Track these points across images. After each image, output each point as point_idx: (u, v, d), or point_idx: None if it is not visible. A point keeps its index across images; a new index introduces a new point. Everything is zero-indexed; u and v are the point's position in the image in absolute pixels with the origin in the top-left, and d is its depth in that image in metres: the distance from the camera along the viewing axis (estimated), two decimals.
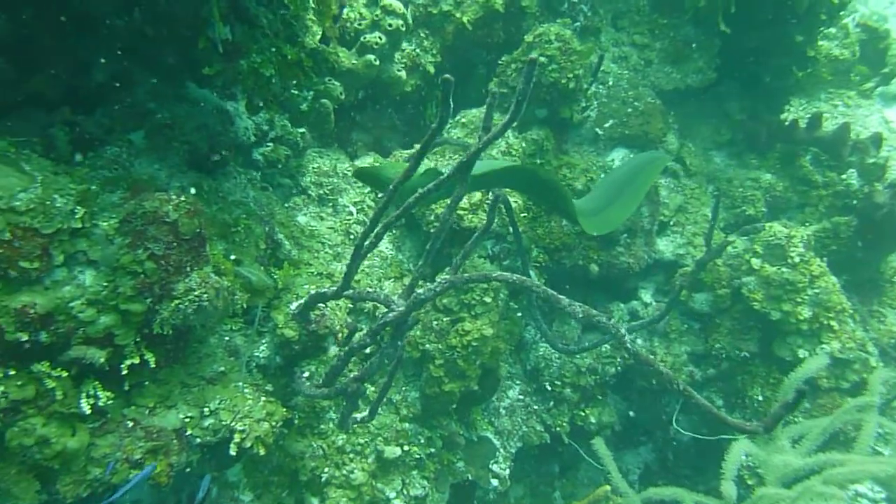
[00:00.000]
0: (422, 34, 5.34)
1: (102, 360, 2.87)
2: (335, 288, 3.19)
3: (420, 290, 2.97)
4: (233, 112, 4.65)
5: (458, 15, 5.13)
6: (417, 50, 5.29)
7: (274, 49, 3.15)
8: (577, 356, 5.23)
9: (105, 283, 2.95)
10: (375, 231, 3.02)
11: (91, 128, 3.54)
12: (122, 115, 3.64)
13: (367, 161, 5.47)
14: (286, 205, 4.85)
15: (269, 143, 5.04)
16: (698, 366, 5.45)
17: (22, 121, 3.39)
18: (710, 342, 5.27)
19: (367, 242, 3.06)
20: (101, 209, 3.03)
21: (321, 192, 5.10)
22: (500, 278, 2.86)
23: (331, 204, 5.10)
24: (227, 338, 3.53)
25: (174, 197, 2.99)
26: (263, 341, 3.64)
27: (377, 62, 4.77)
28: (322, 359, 3.62)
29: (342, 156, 5.56)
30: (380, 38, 4.68)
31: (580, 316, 2.74)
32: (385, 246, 5.11)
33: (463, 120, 5.34)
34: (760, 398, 4.92)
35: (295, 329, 3.47)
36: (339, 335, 3.56)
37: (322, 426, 3.98)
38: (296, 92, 3.57)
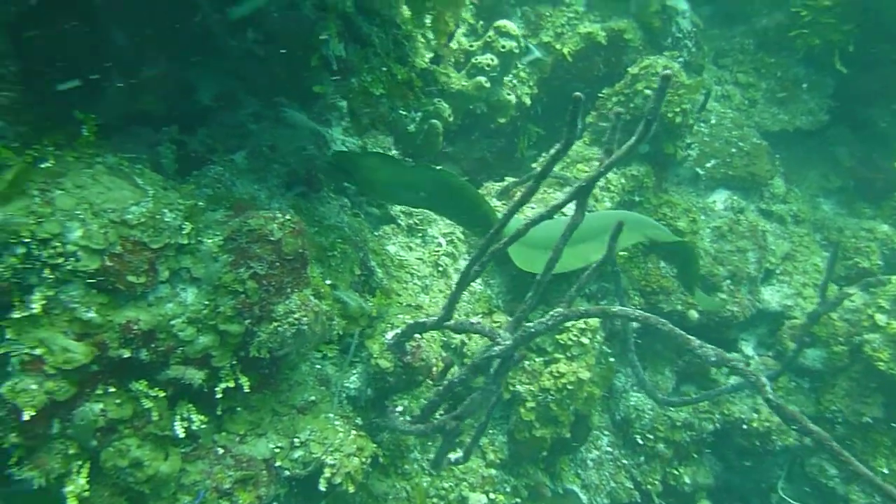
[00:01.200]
0: (518, 65, 5.24)
1: (201, 381, 2.77)
2: (435, 318, 3.01)
3: (530, 323, 2.76)
4: (328, 137, 4.64)
5: (558, 46, 5.01)
6: (514, 81, 5.19)
7: (385, 68, 3.07)
8: (672, 409, 4.86)
9: (206, 302, 2.87)
10: (482, 259, 2.85)
11: (196, 146, 3.55)
12: (224, 135, 3.65)
13: None
14: (376, 233, 4.76)
15: None
16: None
17: (131, 138, 3.42)
18: (824, 403, 4.80)
19: (473, 269, 2.89)
20: (206, 226, 2.98)
21: (410, 221, 4.99)
22: (621, 313, 2.62)
23: (420, 234, 4.98)
24: (318, 365, 3.40)
25: (279, 215, 2.91)
26: (354, 371, 3.48)
27: (488, 84, 4.66)
28: (414, 393, 3.44)
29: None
30: (492, 59, 4.57)
31: (713, 359, 2.47)
32: (478, 281, 4.94)
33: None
34: (886, 471, 4.40)
35: (390, 360, 3.30)
36: (434, 369, 3.37)
37: (406, 466, 3.77)
38: (403, 112, 3.49)
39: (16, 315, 2.56)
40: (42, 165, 2.70)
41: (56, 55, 3.11)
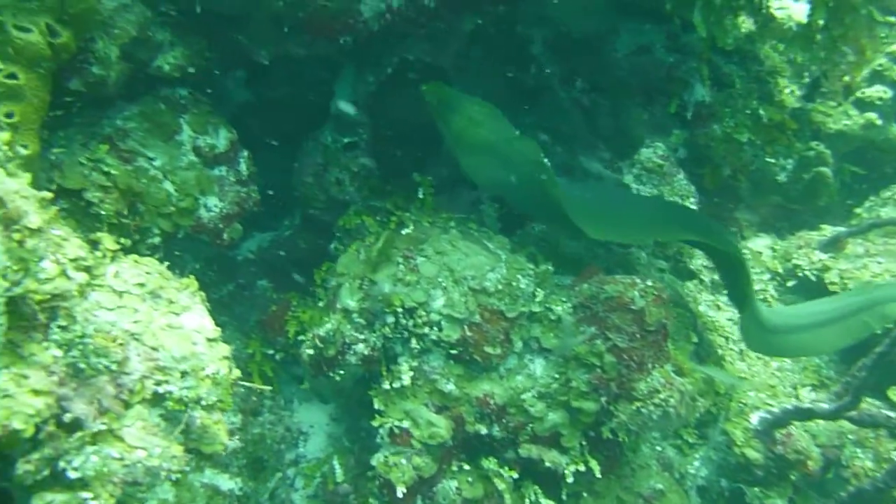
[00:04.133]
0: None
1: (559, 463, 2.52)
2: (830, 406, 2.46)
3: None
4: (634, 190, 4.33)
5: None
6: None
7: (748, 111, 2.66)
8: None
9: (556, 375, 2.64)
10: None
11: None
12: None
13: (759, 244, 4.70)
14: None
15: None
16: None
17: (455, 197, 3.39)
18: None
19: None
20: (552, 291, 2.77)
21: (714, 277, 4.45)
22: None
23: (726, 292, 4.41)
24: (658, 447, 3.00)
25: (638, 281, 2.60)
26: (697, 455, 3.03)
27: (880, 122, 3.93)
28: (780, 488, 2.87)
29: None
30: (884, 92, 3.85)
31: None
32: None
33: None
34: None
35: (759, 449, 2.81)
36: (810, 463, 2.79)
37: None
38: (771, 160, 3.05)
39: (385, 385, 2.54)
40: (403, 232, 2.71)
41: (400, 121, 3.21)
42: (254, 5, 2.43)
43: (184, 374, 1.64)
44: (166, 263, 1.99)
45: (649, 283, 2.61)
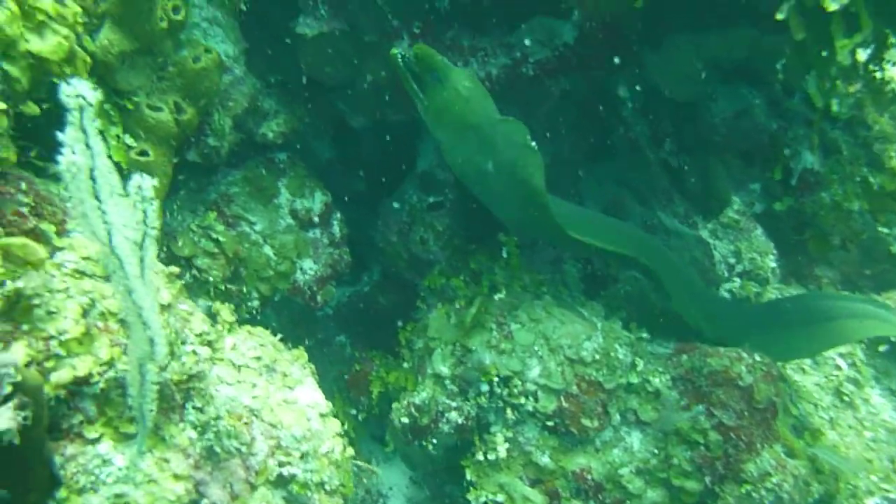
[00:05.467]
0: None
1: None
2: None
3: None
4: (711, 245, 4.22)
5: None
6: None
7: (858, 178, 2.56)
8: None
9: (655, 451, 2.53)
10: None
11: (598, 264, 3.36)
12: None
13: None
14: None
15: (735, 278, 4.48)
16: None
17: (535, 256, 3.36)
18: None
19: None
20: (648, 361, 2.68)
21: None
22: None
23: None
24: None
25: (745, 356, 2.49)
26: None
27: None
28: None
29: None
30: None
31: None
32: (890, 413, 4.00)
33: None
34: None
35: None
36: None
37: None
38: (885, 230, 2.93)
39: (478, 456, 2.48)
40: (496, 297, 2.68)
41: None
42: (358, 75, 2.49)
43: (304, 455, 1.62)
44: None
45: (757, 357, 2.49)
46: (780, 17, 1.69)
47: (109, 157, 1.62)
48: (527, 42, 2.54)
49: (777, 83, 2.65)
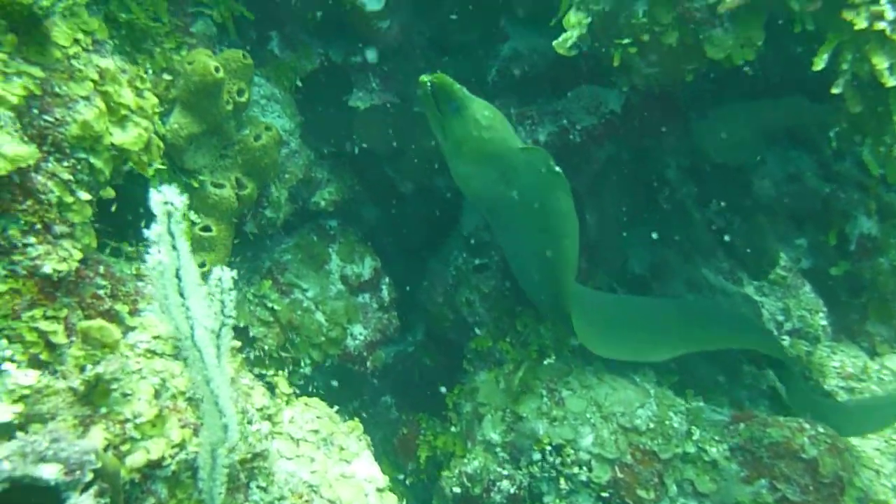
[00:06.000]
0: None
1: None
2: None
3: None
4: (759, 303, 4.15)
5: None
6: None
7: None
8: None
9: None
10: None
11: None
12: None
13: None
14: None
15: (784, 336, 4.37)
16: None
17: None
18: None
19: None
20: (704, 429, 2.60)
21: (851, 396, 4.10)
22: None
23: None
24: None
25: (807, 427, 2.40)
26: None
27: None
28: None
29: (859, 352, 4.53)
30: None
31: None
32: None
33: None
34: None
35: None
36: None
37: None
38: None
39: None
40: (546, 362, 2.66)
41: None
42: (408, 145, 2.56)
43: None
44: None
45: (820, 429, 2.41)
46: (835, 90, 1.70)
47: None
48: (573, 110, 2.59)
49: (828, 148, 2.63)
